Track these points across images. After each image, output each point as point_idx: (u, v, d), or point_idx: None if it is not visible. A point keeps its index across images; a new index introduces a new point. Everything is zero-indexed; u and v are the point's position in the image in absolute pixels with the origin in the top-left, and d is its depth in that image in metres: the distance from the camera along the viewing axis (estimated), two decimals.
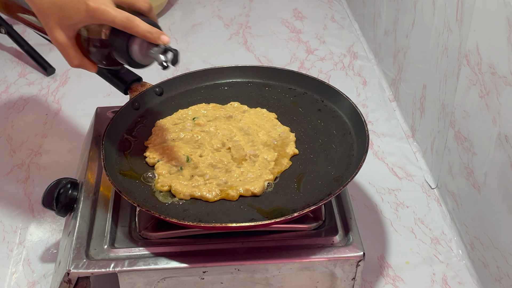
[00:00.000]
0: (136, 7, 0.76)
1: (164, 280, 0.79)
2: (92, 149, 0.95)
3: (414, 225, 1.06)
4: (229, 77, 1.01)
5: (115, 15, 0.73)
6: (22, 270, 0.98)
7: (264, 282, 0.81)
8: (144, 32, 0.73)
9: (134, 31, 0.74)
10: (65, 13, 0.74)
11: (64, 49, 0.78)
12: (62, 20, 0.75)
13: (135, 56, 0.76)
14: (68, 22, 0.75)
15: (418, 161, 1.19)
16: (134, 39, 0.75)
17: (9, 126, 1.28)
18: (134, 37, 0.75)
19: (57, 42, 0.77)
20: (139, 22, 0.73)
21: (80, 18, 0.74)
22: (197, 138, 0.89)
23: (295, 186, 0.82)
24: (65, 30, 0.76)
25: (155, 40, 0.74)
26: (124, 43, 0.75)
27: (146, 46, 0.75)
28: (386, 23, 1.36)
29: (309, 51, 1.52)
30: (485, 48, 0.88)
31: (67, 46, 0.77)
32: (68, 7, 0.73)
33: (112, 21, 0.73)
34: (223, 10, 1.71)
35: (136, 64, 0.78)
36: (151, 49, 0.75)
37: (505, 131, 0.84)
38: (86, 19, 0.74)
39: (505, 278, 0.87)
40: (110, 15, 0.73)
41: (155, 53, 0.74)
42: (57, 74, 1.43)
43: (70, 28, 0.76)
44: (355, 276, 0.81)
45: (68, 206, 0.89)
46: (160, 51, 0.74)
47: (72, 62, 0.80)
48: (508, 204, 0.84)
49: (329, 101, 0.95)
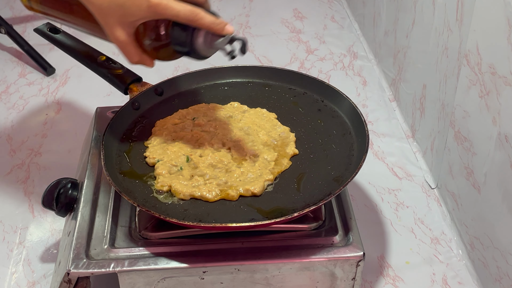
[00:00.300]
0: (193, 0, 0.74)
1: (164, 280, 0.79)
2: (92, 149, 0.95)
3: (414, 225, 1.06)
4: (229, 77, 1.01)
5: (179, 9, 0.71)
6: (22, 270, 0.98)
7: (264, 282, 0.81)
8: (209, 24, 0.72)
9: (199, 24, 0.72)
10: (126, 11, 0.72)
11: (125, 47, 0.76)
12: (122, 18, 0.73)
13: (199, 47, 0.75)
14: (129, 19, 0.73)
15: (418, 161, 1.19)
16: (198, 31, 0.73)
17: (9, 126, 1.28)
18: (198, 29, 0.73)
19: (117, 41, 0.76)
20: (203, 14, 0.71)
21: (142, 14, 0.72)
22: (197, 138, 0.89)
23: (295, 186, 0.82)
24: (126, 27, 0.74)
25: (220, 31, 0.72)
26: (188, 37, 0.74)
27: (210, 37, 0.74)
28: (386, 23, 1.36)
29: (309, 51, 1.52)
30: (485, 48, 0.88)
31: (127, 43, 0.76)
32: (129, 5, 0.71)
33: (176, 15, 0.71)
34: (223, 10, 1.71)
35: (199, 56, 0.77)
36: (217, 41, 0.73)
37: (505, 131, 0.84)
38: (148, 15, 0.73)
39: (505, 278, 0.87)
40: (174, 10, 0.71)
41: (221, 44, 0.73)
42: (57, 74, 1.43)
43: (131, 25, 0.74)
44: (355, 276, 0.81)
45: (68, 206, 0.89)
46: (226, 42, 0.73)
47: (132, 59, 0.78)
48: (508, 204, 0.84)
49: (329, 101, 0.95)
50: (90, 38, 0.87)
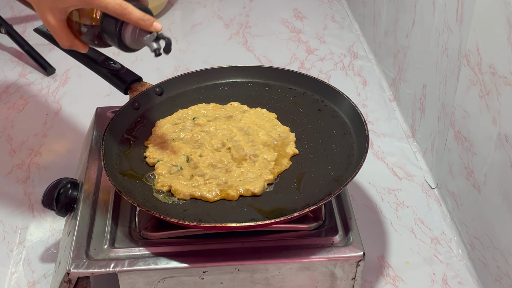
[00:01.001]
0: None
1: (164, 280, 0.79)
2: (92, 149, 0.95)
3: (414, 225, 1.06)
4: (229, 77, 1.01)
5: (108, 1, 0.72)
6: (22, 270, 0.98)
7: (264, 282, 0.81)
8: (136, 19, 0.73)
9: (127, 18, 0.73)
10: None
11: (55, 31, 0.77)
12: (53, 4, 0.74)
13: (127, 41, 0.76)
14: (60, 5, 0.74)
15: (418, 161, 1.19)
16: (126, 25, 0.74)
17: (9, 126, 1.28)
18: (126, 23, 0.74)
19: (48, 25, 0.77)
20: (132, 9, 0.72)
21: (72, 2, 0.74)
22: (197, 138, 0.89)
23: (295, 186, 0.82)
24: (57, 13, 0.75)
25: (148, 27, 0.73)
26: (116, 29, 0.75)
27: (138, 32, 0.75)
28: (386, 23, 1.36)
29: (309, 51, 1.52)
30: (485, 48, 0.88)
31: (58, 28, 0.77)
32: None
33: (104, 7, 0.73)
34: (223, 10, 1.71)
35: (127, 49, 0.77)
36: (144, 36, 0.74)
37: (505, 131, 0.84)
38: (78, 4, 0.74)
39: (505, 278, 0.87)
40: (103, 1, 0.72)
41: (148, 40, 0.74)
42: (57, 74, 1.43)
43: (62, 11, 0.75)
44: (355, 276, 0.81)
45: (68, 206, 0.89)
46: (152, 39, 0.74)
47: (63, 43, 0.79)
48: (508, 204, 0.84)
49: (329, 101, 0.95)
50: None
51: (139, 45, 0.77)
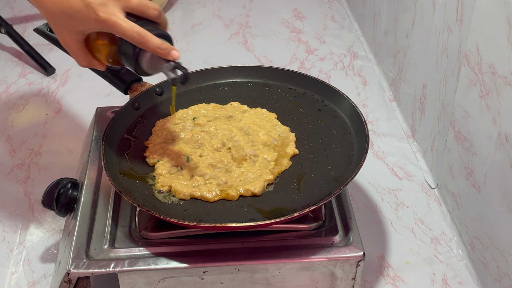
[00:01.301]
0: (146, 14, 0.75)
1: (164, 280, 0.79)
2: (92, 149, 0.95)
3: (414, 225, 1.05)
4: (229, 77, 1.01)
5: (126, 28, 0.72)
6: (22, 270, 0.98)
7: (264, 282, 0.81)
8: (154, 48, 0.73)
9: (145, 46, 0.73)
10: (75, 21, 0.73)
11: (73, 51, 0.78)
12: (71, 26, 0.74)
13: (144, 66, 0.76)
14: (78, 28, 0.75)
15: (418, 161, 1.19)
16: (144, 52, 0.74)
17: (9, 126, 1.28)
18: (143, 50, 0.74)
19: (66, 45, 0.77)
20: (150, 37, 0.72)
21: (90, 26, 0.74)
22: (197, 138, 0.89)
23: (295, 186, 0.82)
24: (75, 35, 0.76)
25: (165, 55, 0.73)
26: (133, 55, 0.74)
27: (156, 59, 0.75)
28: (386, 23, 1.36)
29: (309, 51, 1.52)
30: (485, 48, 0.88)
31: (76, 49, 0.77)
32: (77, 16, 0.73)
33: (123, 33, 0.72)
34: (223, 10, 1.71)
35: (144, 73, 0.77)
36: (162, 65, 0.74)
37: (505, 131, 0.84)
38: (96, 28, 0.74)
39: (505, 278, 0.87)
40: (121, 28, 0.72)
41: (165, 69, 0.74)
42: (57, 74, 1.43)
43: (80, 33, 0.76)
44: (355, 276, 0.81)
45: (68, 206, 0.89)
46: (169, 68, 0.74)
47: (80, 63, 0.79)
48: (508, 204, 0.84)
49: (329, 101, 0.95)
50: None
51: (156, 70, 0.77)
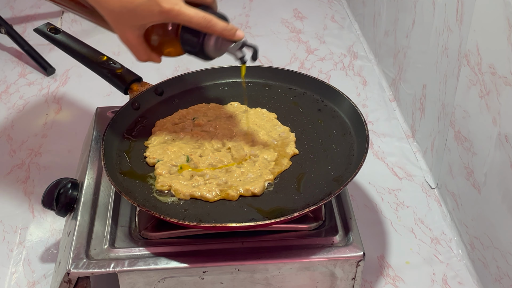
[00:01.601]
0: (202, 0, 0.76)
1: (164, 280, 0.79)
2: (92, 149, 0.95)
3: (414, 225, 1.05)
4: (229, 77, 1.01)
5: (192, 16, 0.72)
6: (22, 270, 0.98)
7: (264, 282, 0.81)
8: (221, 31, 0.73)
9: (212, 30, 0.73)
10: (137, 16, 0.73)
11: (134, 47, 0.78)
12: (133, 21, 0.74)
13: (209, 51, 0.76)
14: (140, 22, 0.74)
15: (418, 161, 1.19)
16: (209, 36, 0.75)
17: (9, 126, 1.28)
18: (209, 34, 0.74)
19: (128, 42, 0.77)
20: (216, 21, 0.73)
21: (153, 19, 0.73)
22: (197, 138, 0.89)
23: (295, 186, 0.82)
24: (136, 30, 0.75)
25: (232, 37, 0.74)
26: (199, 40, 0.75)
27: (221, 42, 0.75)
28: (386, 23, 1.36)
29: (309, 51, 1.52)
30: (485, 48, 0.88)
31: (137, 44, 0.77)
32: (140, 10, 0.72)
33: (189, 21, 0.72)
34: (223, 10, 1.69)
35: (208, 58, 0.78)
36: (228, 46, 0.75)
37: (505, 131, 0.84)
38: (160, 20, 0.73)
39: (505, 278, 0.87)
40: (187, 16, 0.72)
41: (233, 49, 0.74)
42: (57, 74, 1.43)
43: (141, 27, 0.75)
44: (355, 276, 0.81)
45: (68, 206, 0.89)
46: (237, 47, 0.74)
47: (141, 58, 0.79)
48: (508, 204, 0.84)
49: (329, 101, 0.95)
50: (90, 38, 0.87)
51: (220, 53, 0.77)
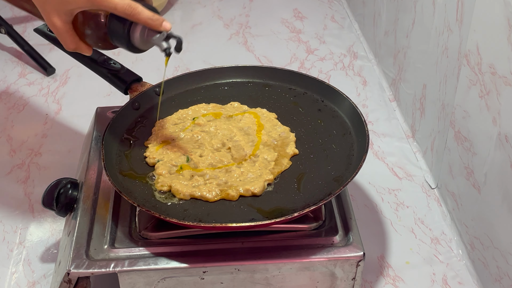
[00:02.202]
0: None
1: (164, 280, 0.79)
2: (92, 149, 0.95)
3: (414, 225, 1.05)
4: (229, 77, 1.01)
5: (117, 2, 0.71)
6: (22, 270, 0.98)
7: (264, 282, 0.81)
8: (146, 19, 0.72)
9: (136, 18, 0.72)
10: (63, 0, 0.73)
11: (61, 33, 0.77)
12: (60, 6, 0.74)
13: (136, 42, 0.75)
14: (66, 7, 0.74)
15: (418, 161, 1.19)
16: (135, 25, 0.74)
17: (9, 126, 1.28)
18: (135, 23, 0.74)
19: (54, 27, 0.76)
20: (141, 9, 0.72)
21: (79, 4, 0.73)
22: (197, 138, 0.89)
23: (295, 186, 0.82)
24: (63, 15, 0.75)
25: (157, 27, 0.73)
26: (125, 30, 0.74)
27: (147, 32, 0.74)
28: (386, 23, 1.36)
29: (309, 51, 1.52)
30: (485, 48, 0.88)
31: (64, 31, 0.76)
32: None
33: (113, 7, 0.72)
34: (223, 10, 1.71)
35: (135, 49, 0.77)
36: (153, 36, 0.74)
37: (505, 131, 0.84)
38: (86, 5, 0.73)
39: (505, 278, 0.87)
40: (111, 2, 0.71)
41: (157, 40, 0.73)
42: (57, 74, 1.43)
43: (68, 13, 0.75)
44: (355, 276, 0.81)
45: (68, 206, 0.89)
46: (162, 38, 0.73)
47: (68, 46, 0.79)
48: (508, 204, 0.84)
49: (329, 101, 0.95)
50: None
51: (148, 45, 0.76)
